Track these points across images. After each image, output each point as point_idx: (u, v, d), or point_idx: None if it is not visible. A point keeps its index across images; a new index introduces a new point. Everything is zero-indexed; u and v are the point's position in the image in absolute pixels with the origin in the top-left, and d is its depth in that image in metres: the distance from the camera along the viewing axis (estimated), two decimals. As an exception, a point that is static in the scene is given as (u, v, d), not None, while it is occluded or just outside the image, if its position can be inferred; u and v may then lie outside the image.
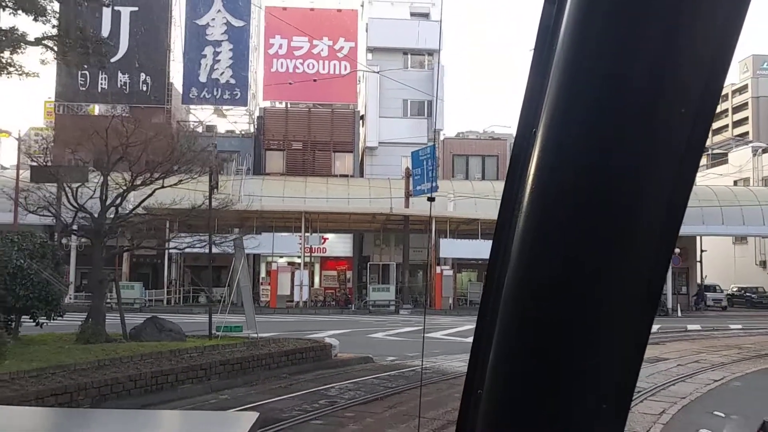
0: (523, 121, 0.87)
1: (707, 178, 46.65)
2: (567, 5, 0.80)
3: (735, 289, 45.34)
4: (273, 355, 12.10)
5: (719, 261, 44.72)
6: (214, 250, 14.51)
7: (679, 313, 33.19)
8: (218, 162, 19.32)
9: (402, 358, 14.58)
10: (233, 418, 1.72)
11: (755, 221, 36.17)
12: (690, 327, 24.67)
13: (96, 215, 13.00)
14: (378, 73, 38.78)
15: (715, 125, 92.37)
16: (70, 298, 21.26)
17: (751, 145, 52.47)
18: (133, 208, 13.42)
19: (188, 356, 11.16)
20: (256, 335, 13.31)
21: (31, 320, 12.24)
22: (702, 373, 13.08)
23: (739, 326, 25.24)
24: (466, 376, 0.93)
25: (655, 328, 22.52)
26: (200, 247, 14.05)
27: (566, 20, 0.79)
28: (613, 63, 0.75)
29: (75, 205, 12.50)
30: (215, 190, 13.93)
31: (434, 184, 31.06)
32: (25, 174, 22.77)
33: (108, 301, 14.00)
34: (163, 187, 12.80)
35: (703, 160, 58.19)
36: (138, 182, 12.82)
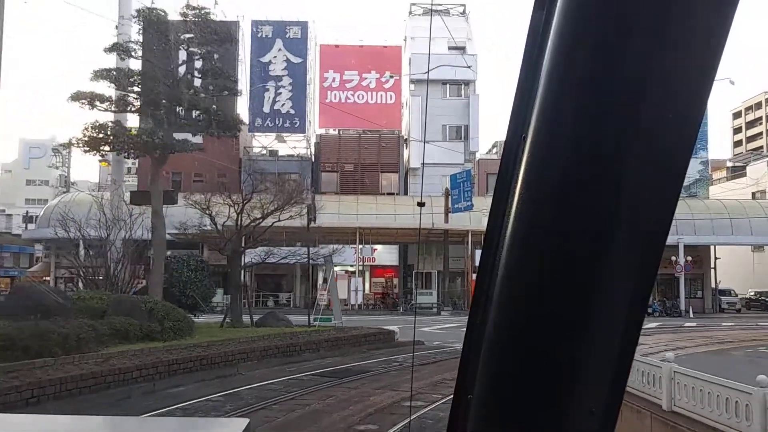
0: (512, 126, 0.86)
1: (725, 190, 50.26)
2: (556, 11, 0.80)
3: (752, 294, 48.76)
4: (356, 337, 17.50)
5: (739, 268, 47.57)
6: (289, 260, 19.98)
7: (691, 314, 37.45)
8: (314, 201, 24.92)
9: (445, 343, 19.76)
10: (224, 424, 1.71)
11: (764, 232, 39.95)
12: (687, 324, 29.15)
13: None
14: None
15: (750, 133, 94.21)
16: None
17: (767, 159, 55.94)
18: (261, 234, 18.93)
19: (302, 337, 16.64)
20: (341, 324, 18.77)
21: (190, 313, 17.91)
22: (664, 352, 17.86)
23: (732, 323, 29.60)
24: (456, 381, 0.93)
25: (654, 325, 27.20)
26: (303, 260, 19.52)
27: (555, 26, 0.80)
28: (601, 69, 0.76)
29: (222, 233, 18.10)
30: (312, 221, 19.50)
31: (470, 203, 36.07)
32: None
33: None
34: (279, 220, 18.36)
35: (723, 173, 61.50)
36: (258, 215, 18.34)
